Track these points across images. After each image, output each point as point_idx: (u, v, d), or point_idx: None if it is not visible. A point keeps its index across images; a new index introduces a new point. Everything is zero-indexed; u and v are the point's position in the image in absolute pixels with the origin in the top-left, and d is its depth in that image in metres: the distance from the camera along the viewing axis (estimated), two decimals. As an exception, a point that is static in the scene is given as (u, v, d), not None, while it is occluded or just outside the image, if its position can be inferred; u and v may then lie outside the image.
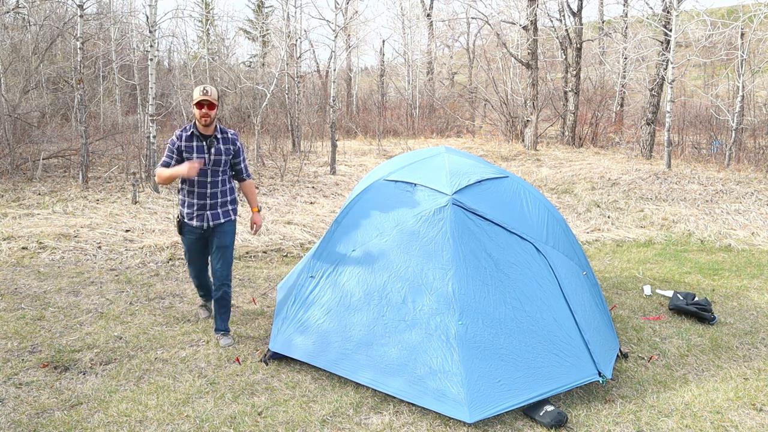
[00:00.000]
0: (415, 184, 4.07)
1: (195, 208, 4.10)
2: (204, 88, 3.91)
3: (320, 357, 3.65)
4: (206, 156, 4.02)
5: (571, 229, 6.01)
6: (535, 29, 16.88)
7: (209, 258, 4.34)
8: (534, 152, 16.40)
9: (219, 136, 4.08)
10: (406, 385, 3.33)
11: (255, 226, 4.39)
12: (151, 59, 10.91)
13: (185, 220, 4.15)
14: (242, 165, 4.26)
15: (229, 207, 4.21)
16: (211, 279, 4.35)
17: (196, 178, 4.00)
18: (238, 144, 4.19)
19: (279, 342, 3.84)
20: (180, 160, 3.99)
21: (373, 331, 3.57)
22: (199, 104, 3.91)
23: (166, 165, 4.00)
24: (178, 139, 4.01)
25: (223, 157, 4.09)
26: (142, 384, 3.63)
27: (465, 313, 3.43)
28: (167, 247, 6.81)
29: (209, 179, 4.07)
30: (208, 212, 4.10)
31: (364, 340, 3.57)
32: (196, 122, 4.00)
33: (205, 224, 4.12)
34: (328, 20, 13.80)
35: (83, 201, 9.18)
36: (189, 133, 4.02)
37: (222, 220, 4.16)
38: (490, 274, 3.60)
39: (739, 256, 7.07)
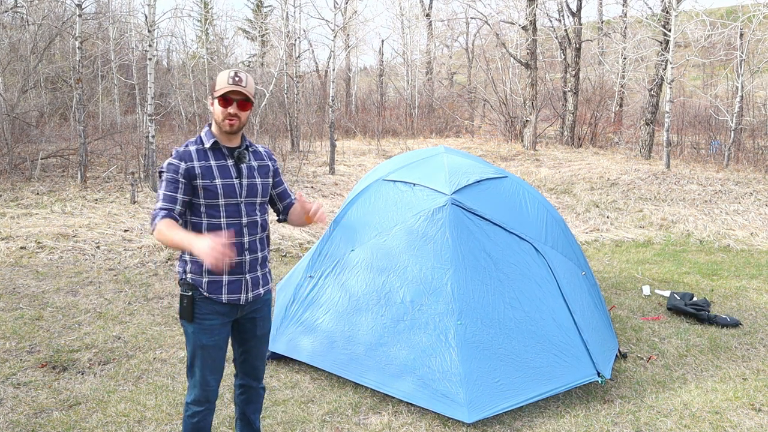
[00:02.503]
0: (414, 184, 4.07)
1: (225, 270, 2.44)
2: (236, 74, 2.38)
3: (325, 359, 3.64)
4: (236, 182, 2.45)
5: (570, 229, 6.01)
6: (534, 29, 16.88)
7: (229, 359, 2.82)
8: (533, 152, 16.41)
9: (250, 148, 2.56)
10: (412, 387, 3.32)
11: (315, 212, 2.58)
12: (150, 59, 10.90)
13: (205, 294, 2.42)
14: (285, 186, 2.73)
15: (268, 266, 2.65)
16: (240, 386, 2.73)
17: (224, 221, 2.43)
18: (275, 161, 2.69)
19: (280, 343, 3.84)
20: (191, 191, 2.39)
21: (374, 331, 3.57)
22: (226, 98, 2.37)
23: (170, 210, 2.33)
24: (184, 159, 2.38)
25: (259, 182, 2.53)
26: (141, 384, 3.62)
27: (464, 313, 3.43)
28: (166, 247, 6.80)
29: (244, 219, 2.46)
30: (248, 276, 2.49)
31: (366, 341, 3.56)
32: (214, 128, 2.47)
33: (243, 297, 2.48)
34: (327, 20, 13.81)
35: (82, 201, 9.17)
36: (204, 146, 2.44)
37: (262, 290, 2.58)
38: (489, 274, 3.60)
39: (738, 256, 7.08)
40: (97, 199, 9.32)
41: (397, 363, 3.41)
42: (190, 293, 2.41)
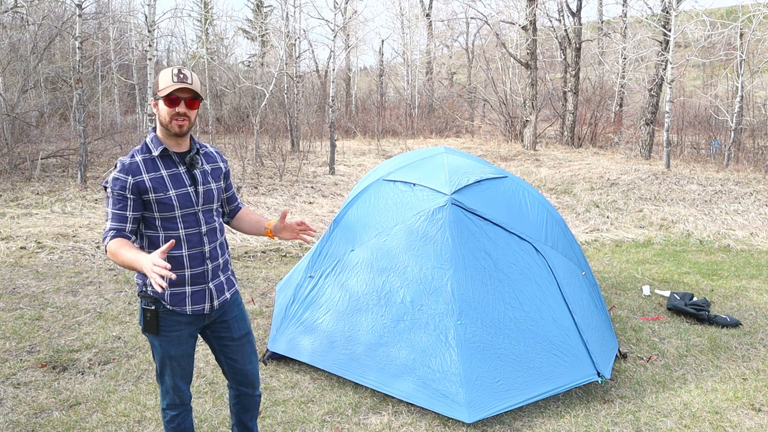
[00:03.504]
0: (414, 184, 4.07)
1: (188, 282, 2.35)
2: (180, 71, 2.26)
3: (325, 359, 3.64)
4: (191, 190, 2.33)
5: (570, 229, 6.01)
6: (534, 29, 16.88)
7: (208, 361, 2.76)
8: (533, 152, 16.41)
9: (200, 151, 2.42)
10: (412, 387, 3.32)
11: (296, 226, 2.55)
12: (150, 59, 10.90)
13: (169, 307, 2.34)
14: (233, 190, 2.65)
15: (230, 268, 2.57)
16: (235, 396, 2.68)
17: (182, 232, 2.31)
18: (227, 162, 2.58)
19: (281, 343, 3.84)
20: (142, 207, 2.26)
21: (374, 331, 3.56)
22: (172, 98, 2.23)
23: (119, 230, 2.21)
24: (129, 172, 2.22)
25: (214, 187, 2.42)
26: (141, 384, 3.62)
27: (464, 313, 3.43)
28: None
29: (203, 228, 2.36)
30: (211, 284, 2.41)
31: (366, 341, 3.56)
32: (160, 132, 2.31)
33: (208, 305, 2.41)
34: (327, 20, 13.80)
35: (82, 201, 9.17)
36: (151, 154, 2.29)
37: (228, 294, 2.50)
38: (489, 274, 3.60)
39: (738, 256, 7.08)
40: (97, 199, 9.32)
41: (397, 363, 3.41)
42: (153, 307, 2.30)
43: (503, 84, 21.59)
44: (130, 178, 2.21)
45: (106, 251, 2.18)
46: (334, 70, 15.26)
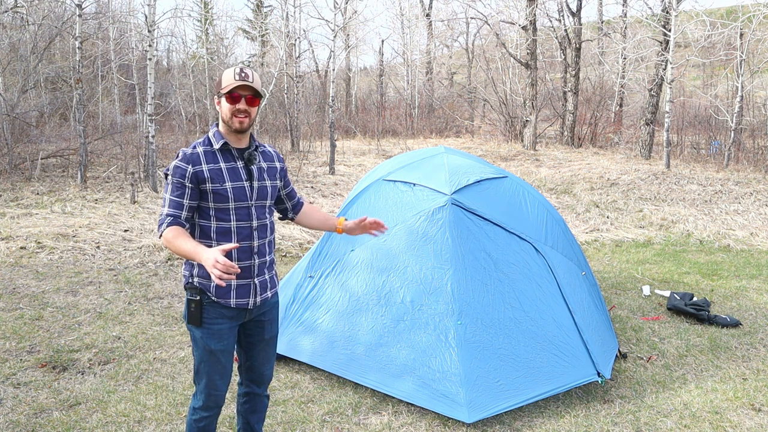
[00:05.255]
0: (414, 184, 4.07)
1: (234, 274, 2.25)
2: (241, 70, 2.29)
3: (325, 359, 3.64)
4: (246, 185, 2.37)
5: (570, 229, 6.01)
6: (534, 29, 16.89)
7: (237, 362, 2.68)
8: (533, 152, 16.41)
9: (259, 149, 2.46)
10: (412, 387, 3.32)
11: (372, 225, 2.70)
12: (150, 59, 10.90)
13: (214, 299, 2.35)
14: (292, 186, 2.70)
15: (275, 268, 2.58)
16: (245, 394, 2.67)
17: (234, 224, 2.35)
18: (283, 161, 2.62)
19: (281, 343, 3.83)
20: (198, 196, 2.31)
21: (374, 331, 3.56)
22: (234, 95, 2.28)
23: (176, 217, 2.26)
24: (190, 161, 2.28)
25: (269, 184, 2.46)
26: (141, 384, 3.62)
27: (464, 313, 3.43)
28: (166, 247, 6.80)
29: (254, 223, 2.39)
30: (256, 280, 2.42)
31: (366, 341, 3.56)
32: (222, 128, 2.37)
33: (252, 301, 2.42)
34: (327, 20, 13.81)
35: (82, 201, 9.17)
36: (212, 147, 2.34)
37: (270, 293, 2.51)
38: (489, 274, 3.60)
39: (738, 256, 7.08)
40: (97, 199, 9.33)
41: (397, 363, 3.41)
42: (198, 297, 2.33)
43: (503, 84, 21.59)
44: (190, 167, 2.26)
45: (160, 236, 2.25)
46: (334, 70, 15.26)
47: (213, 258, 1.98)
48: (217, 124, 2.40)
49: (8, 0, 13.79)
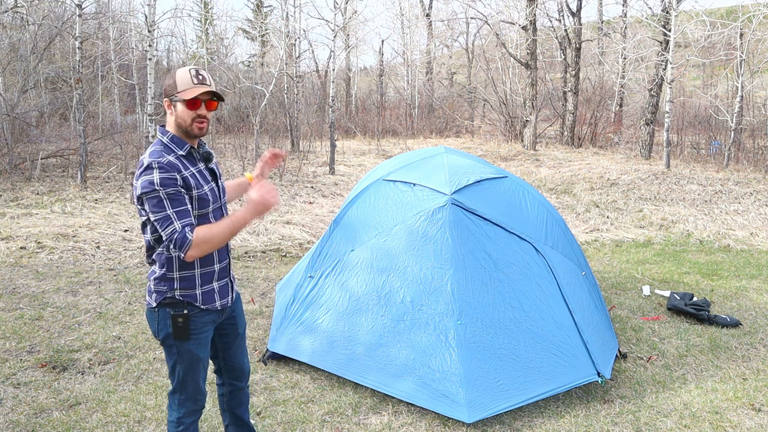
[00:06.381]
0: (414, 184, 4.07)
1: (215, 277, 2.36)
2: (198, 72, 2.23)
3: (325, 359, 3.64)
4: (214, 185, 2.34)
5: (570, 229, 6.01)
6: (534, 29, 16.88)
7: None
8: (533, 152, 16.41)
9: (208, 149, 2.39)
10: (412, 387, 3.32)
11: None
12: (150, 59, 10.90)
13: (202, 307, 2.31)
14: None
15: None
16: (229, 392, 2.68)
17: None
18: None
19: (281, 343, 3.84)
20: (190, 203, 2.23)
21: (374, 331, 3.56)
22: (195, 102, 2.20)
23: (191, 224, 2.16)
24: (174, 169, 2.15)
25: (222, 180, 2.47)
26: (141, 384, 3.62)
27: (464, 313, 3.43)
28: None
29: None
30: (231, 277, 2.48)
31: (366, 341, 3.56)
32: (179, 132, 2.25)
33: (230, 298, 2.46)
34: (327, 20, 13.80)
35: (82, 201, 9.17)
36: (177, 153, 2.22)
37: (237, 288, 2.63)
38: (489, 274, 3.60)
39: (738, 256, 7.08)
40: (97, 199, 9.33)
41: (397, 363, 3.41)
42: (185, 311, 2.25)
43: (503, 84, 21.59)
44: (176, 174, 2.14)
45: (189, 250, 2.13)
46: (334, 70, 15.26)
47: (263, 187, 2.10)
48: (164, 127, 2.28)
49: (8, 0, 13.79)
